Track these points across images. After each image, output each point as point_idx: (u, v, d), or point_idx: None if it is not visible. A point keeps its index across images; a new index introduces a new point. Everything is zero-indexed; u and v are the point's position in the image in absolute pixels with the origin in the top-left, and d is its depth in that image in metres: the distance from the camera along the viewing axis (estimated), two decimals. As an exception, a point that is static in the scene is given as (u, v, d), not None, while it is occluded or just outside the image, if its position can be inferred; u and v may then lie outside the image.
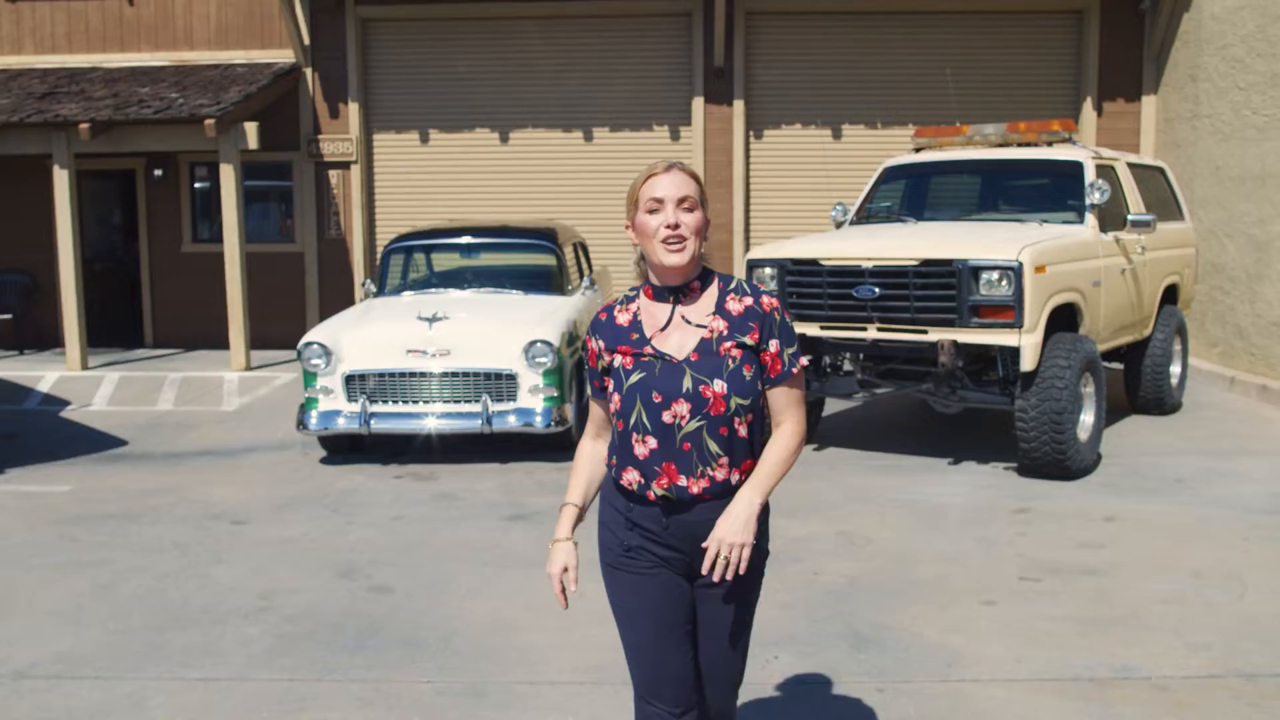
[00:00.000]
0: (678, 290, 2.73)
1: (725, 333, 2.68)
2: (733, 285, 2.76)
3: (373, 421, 7.87)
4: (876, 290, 7.39)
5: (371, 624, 4.98)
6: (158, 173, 13.81)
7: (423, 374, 7.94)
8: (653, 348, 2.70)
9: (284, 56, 13.81)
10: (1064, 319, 7.64)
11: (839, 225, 9.06)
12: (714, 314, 2.71)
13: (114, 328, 14.14)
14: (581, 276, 9.84)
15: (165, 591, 5.48)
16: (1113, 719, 3.95)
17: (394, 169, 14.02)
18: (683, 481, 2.66)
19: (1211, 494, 6.95)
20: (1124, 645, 4.58)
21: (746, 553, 2.60)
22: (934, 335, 7.27)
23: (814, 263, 7.69)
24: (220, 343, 13.13)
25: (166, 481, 7.76)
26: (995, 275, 7.05)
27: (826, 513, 6.62)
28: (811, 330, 7.67)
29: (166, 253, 14.20)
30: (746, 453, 2.71)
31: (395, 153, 13.98)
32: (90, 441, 9.14)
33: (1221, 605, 5.04)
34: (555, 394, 7.90)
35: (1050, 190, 8.40)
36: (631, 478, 2.71)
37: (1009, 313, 7.05)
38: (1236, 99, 11.11)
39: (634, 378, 2.69)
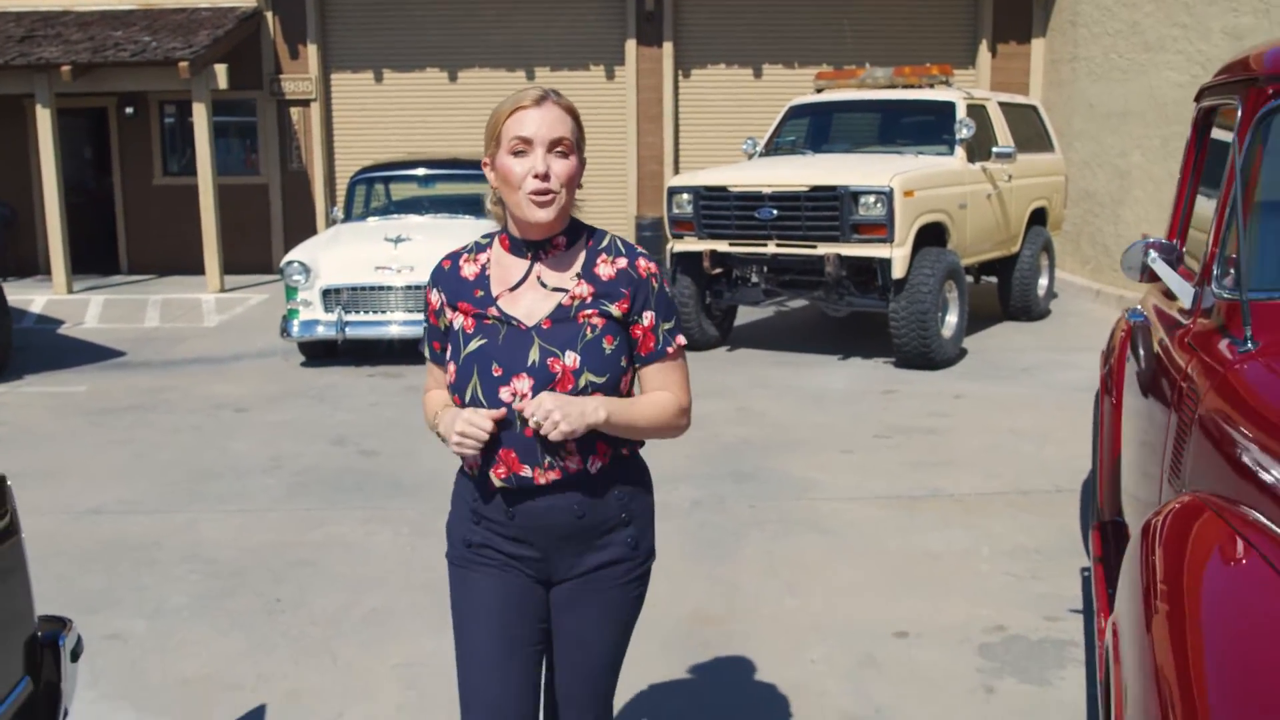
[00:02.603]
0: (539, 245, 2.29)
1: (588, 299, 2.24)
2: (604, 244, 2.31)
3: (347, 329, 9.16)
4: (775, 212, 8.78)
5: (364, 474, 6.34)
6: (129, 111, 14.84)
7: (389, 287, 9.23)
8: (498, 309, 2.26)
9: (245, 0, 14.80)
10: (935, 236, 9.08)
11: (750, 157, 10.42)
12: (579, 277, 2.27)
13: (89, 256, 15.18)
14: (526, 204, 11.12)
15: (191, 459, 6.78)
16: (916, 518, 5.42)
17: (351, 106, 15.13)
18: (526, 472, 2.23)
19: (1048, 379, 8.48)
20: (940, 477, 6.07)
21: (564, 428, 2.11)
22: (822, 249, 8.68)
23: (723, 189, 9.05)
24: (191, 268, 14.27)
25: (169, 382, 9.01)
26: (871, 198, 8.45)
27: (730, 395, 8.05)
28: (721, 246, 9.07)
29: (139, 186, 15.29)
30: (603, 437, 2.25)
31: (352, 91, 15.10)
32: (91, 353, 10.33)
33: (1025, 452, 6.54)
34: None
35: (928, 126, 9.79)
36: (471, 459, 2.27)
37: (882, 230, 8.47)
38: (1106, 44, 12.54)
39: (473, 344, 2.25)
